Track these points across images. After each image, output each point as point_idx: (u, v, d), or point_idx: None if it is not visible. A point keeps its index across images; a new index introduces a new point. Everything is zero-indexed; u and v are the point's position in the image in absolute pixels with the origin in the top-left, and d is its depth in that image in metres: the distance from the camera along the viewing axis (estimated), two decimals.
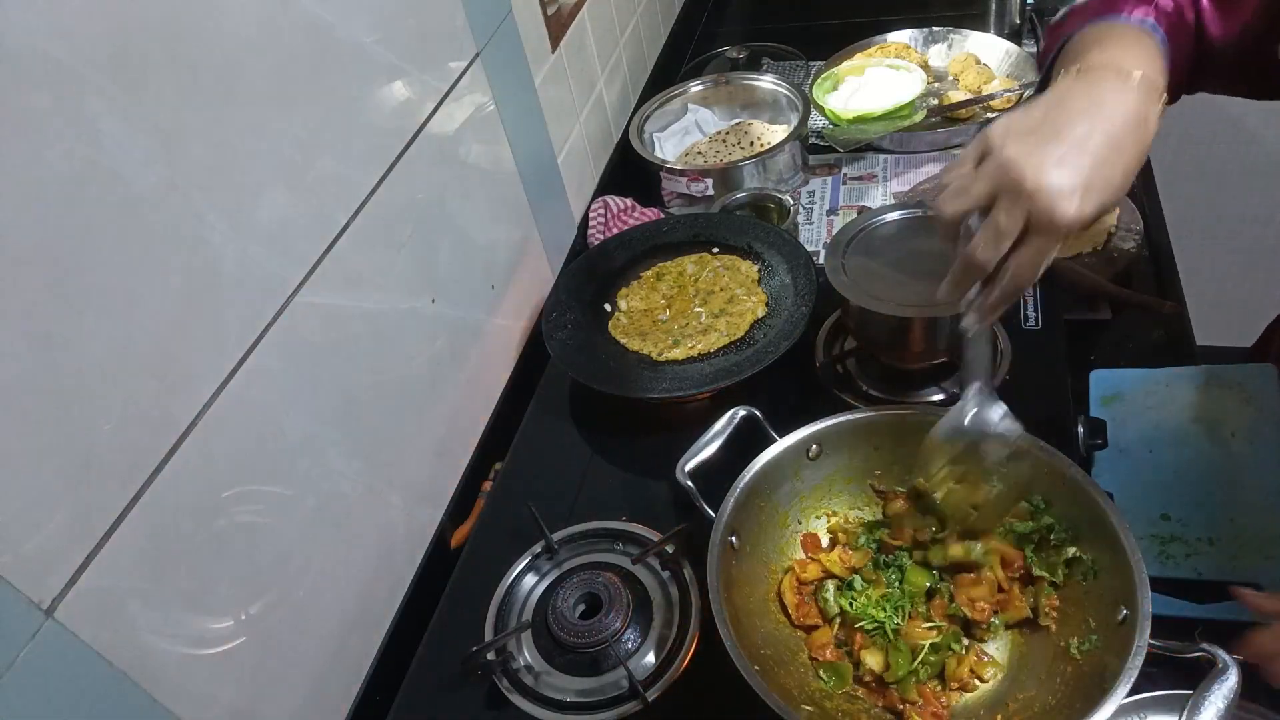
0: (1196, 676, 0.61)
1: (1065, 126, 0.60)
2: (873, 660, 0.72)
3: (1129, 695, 0.61)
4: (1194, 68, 0.75)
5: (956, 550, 0.75)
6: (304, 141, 0.75)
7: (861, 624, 0.74)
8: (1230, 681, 0.60)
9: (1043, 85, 0.75)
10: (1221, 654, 0.60)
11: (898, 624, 0.73)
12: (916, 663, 0.71)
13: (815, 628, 0.76)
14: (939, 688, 0.71)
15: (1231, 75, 0.77)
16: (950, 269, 0.66)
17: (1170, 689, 0.67)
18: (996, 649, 0.74)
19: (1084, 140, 0.59)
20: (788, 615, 0.77)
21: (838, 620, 0.76)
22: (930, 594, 0.76)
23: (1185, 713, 0.59)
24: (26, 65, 0.52)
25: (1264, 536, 0.77)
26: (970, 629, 0.74)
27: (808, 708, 0.69)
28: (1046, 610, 0.72)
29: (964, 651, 0.72)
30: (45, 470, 0.54)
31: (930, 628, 0.73)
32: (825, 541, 0.83)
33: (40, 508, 0.54)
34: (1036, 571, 0.73)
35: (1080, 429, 0.85)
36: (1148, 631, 0.62)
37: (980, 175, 0.62)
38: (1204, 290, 2.15)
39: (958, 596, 0.74)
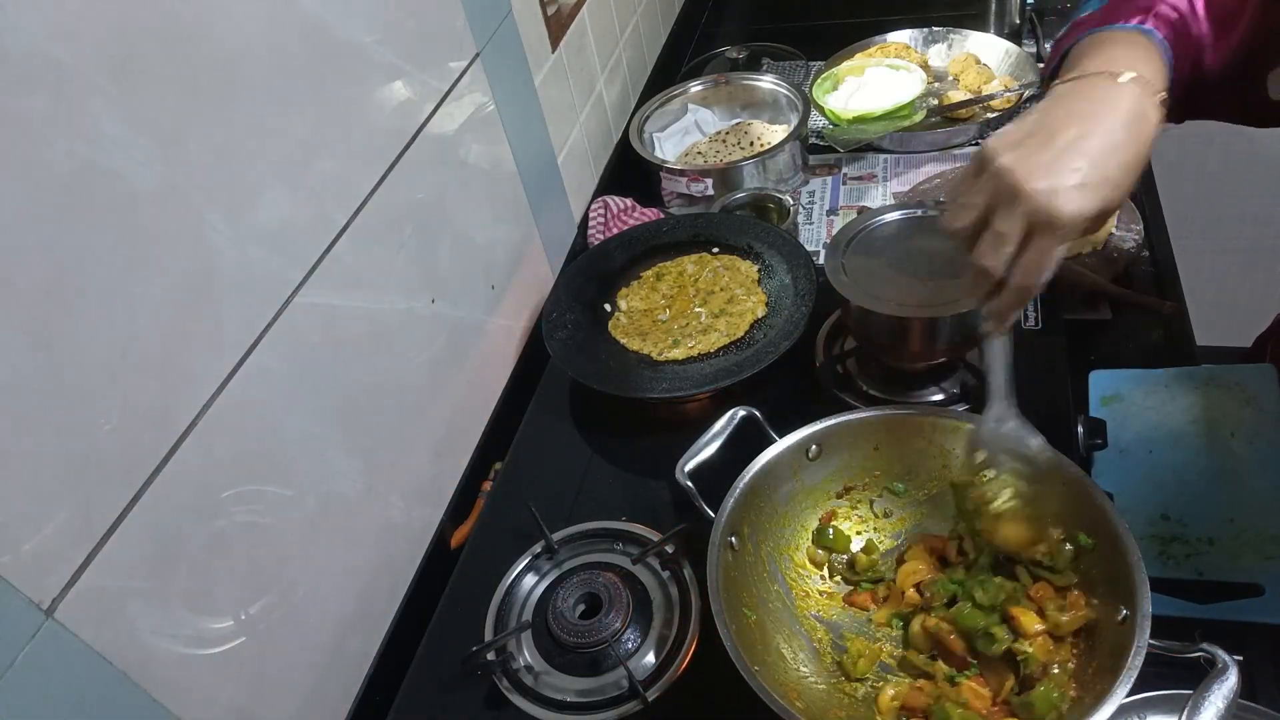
0: (1196, 676, 0.61)
1: (1057, 131, 0.61)
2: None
3: (1129, 695, 0.61)
4: (1189, 92, 0.74)
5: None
6: (304, 141, 0.75)
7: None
8: (1230, 681, 0.59)
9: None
10: (1221, 654, 0.60)
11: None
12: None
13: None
14: None
15: (1223, 101, 0.76)
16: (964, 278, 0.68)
17: (1170, 689, 0.67)
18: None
19: (1075, 142, 0.60)
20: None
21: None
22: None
23: (1185, 713, 0.59)
24: (26, 65, 0.52)
25: (1264, 536, 0.77)
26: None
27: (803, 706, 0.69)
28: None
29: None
30: (45, 470, 0.54)
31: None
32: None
33: (40, 508, 0.54)
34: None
35: (1080, 429, 0.85)
36: (1148, 631, 0.62)
37: (978, 187, 0.63)
38: (1204, 290, 2.15)
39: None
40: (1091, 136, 0.60)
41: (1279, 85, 0.69)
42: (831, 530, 0.82)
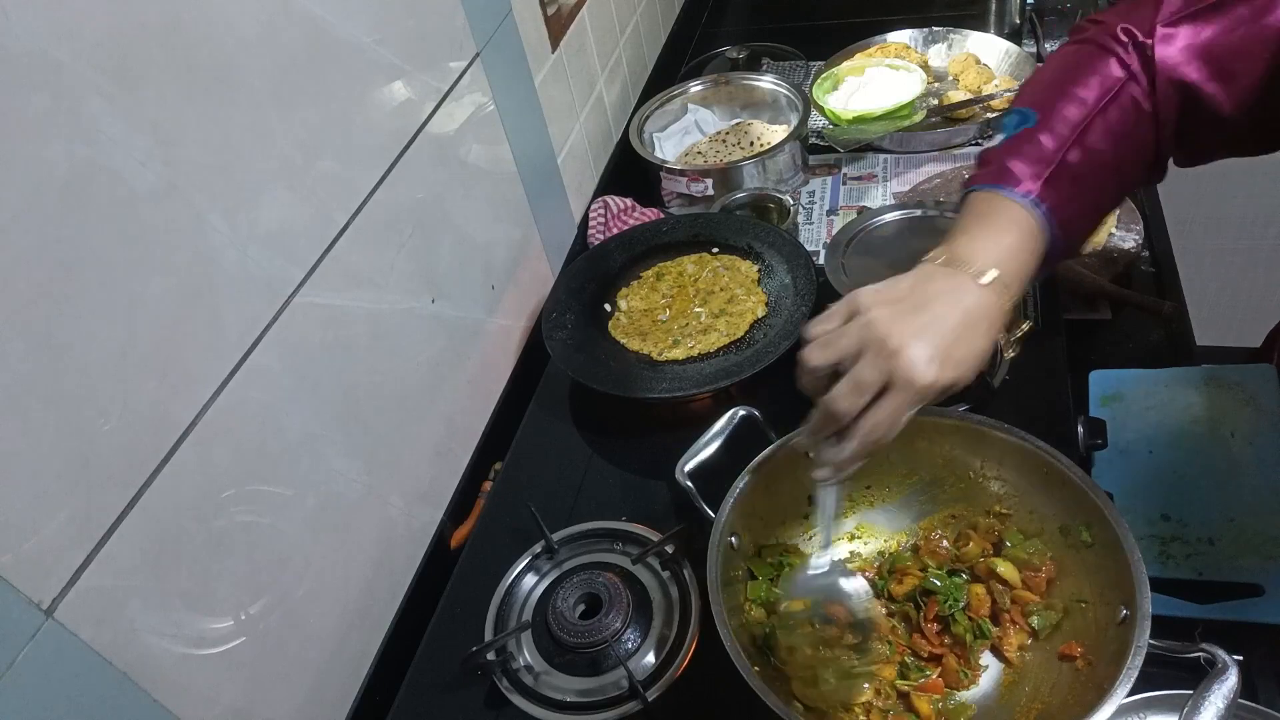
0: (1196, 676, 0.61)
1: (926, 303, 0.64)
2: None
3: (1129, 695, 0.61)
4: (1202, 142, 0.74)
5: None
6: (304, 141, 0.75)
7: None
8: (1230, 681, 0.60)
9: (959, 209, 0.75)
10: (1221, 654, 0.60)
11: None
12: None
13: None
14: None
15: (1249, 139, 0.76)
16: (808, 419, 0.68)
17: (1170, 689, 0.67)
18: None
19: (943, 317, 0.63)
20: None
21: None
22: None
23: (1185, 713, 0.59)
24: (26, 65, 0.52)
25: (1264, 536, 0.77)
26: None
27: (803, 706, 0.69)
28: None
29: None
30: (45, 470, 0.54)
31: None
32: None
33: (40, 508, 0.54)
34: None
35: (1080, 429, 0.85)
36: (1148, 631, 0.62)
37: (848, 331, 0.65)
38: (1204, 290, 2.15)
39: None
40: (955, 316, 0.63)
41: None
42: None
